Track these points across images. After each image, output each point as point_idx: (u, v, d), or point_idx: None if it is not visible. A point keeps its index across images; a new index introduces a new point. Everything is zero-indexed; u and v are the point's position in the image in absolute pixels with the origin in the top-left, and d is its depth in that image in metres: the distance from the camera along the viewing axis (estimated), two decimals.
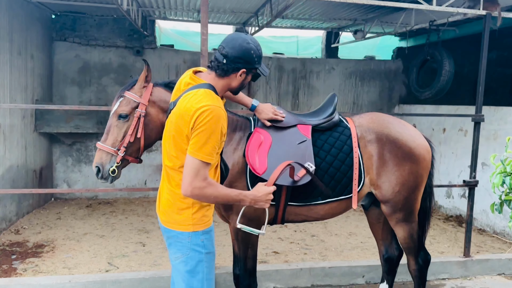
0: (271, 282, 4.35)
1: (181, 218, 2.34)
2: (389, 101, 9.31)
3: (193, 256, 2.35)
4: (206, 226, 2.38)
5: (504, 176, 2.29)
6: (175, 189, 2.34)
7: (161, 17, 8.17)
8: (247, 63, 2.34)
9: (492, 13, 4.80)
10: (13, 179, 6.08)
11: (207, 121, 2.14)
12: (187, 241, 2.35)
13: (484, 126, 5.94)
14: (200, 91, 2.25)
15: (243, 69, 2.33)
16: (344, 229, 6.48)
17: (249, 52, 2.32)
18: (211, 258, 2.43)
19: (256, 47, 2.37)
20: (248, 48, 2.32)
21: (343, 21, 7.89)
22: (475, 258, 4.91)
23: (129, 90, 2.86)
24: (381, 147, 3.25)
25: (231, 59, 2.30)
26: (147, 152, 7.94)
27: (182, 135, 2.23)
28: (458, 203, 7.20)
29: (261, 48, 2.44)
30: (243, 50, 2.31)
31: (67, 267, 4.71)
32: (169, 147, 2.34)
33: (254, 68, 2.39)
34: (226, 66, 2.31)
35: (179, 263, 2.38)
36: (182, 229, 2.34)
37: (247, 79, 2.43)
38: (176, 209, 2.35)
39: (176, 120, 2.24)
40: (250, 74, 2.41)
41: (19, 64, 6.24)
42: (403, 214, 3.35)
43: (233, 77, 2.36)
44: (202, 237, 2.36)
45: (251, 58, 2.34)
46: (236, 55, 2.29)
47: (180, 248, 2.37)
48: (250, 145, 3.02)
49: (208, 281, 2.40)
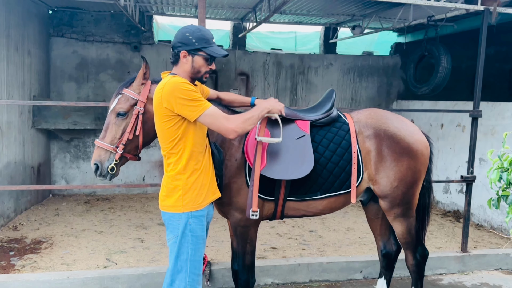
0: (269, 277, 4.36)
1: (172, 201, 2.57)
2: (387, 97, 9.32)
3: (180, 237, 2.56)
4: (196, 208, 2.59)
5: (501, 171, 2.28)
6: (168, 172, 2.59)
7: (159, 13, 8.14)
8: (185, 45, 2.55)
9: (490, 9, 4.79)
10: (11, 176, 6.07)
11: (170, 93, 2.42)
12: (177, 223, 2.57)
13: (481, 122, 5.95)
14: (163, 82, 2.53)
15: (182, 51, 2.55)
16: (342, 224, 6.50)
17: (184, 35, 2.56)
18: (198, 241, 2.61)
19: (192, 30, 2.57)
20: (183, 31, 2.57)
21: (341, 16, 7.87)
22: (473, 253, 4.93)
23: (127, 87, 2.87)
24: (379, 142, 3.26)
25: (174, 46, 2.59)
26: (145, 148, 7.91)
27: (157, 115, 2.51)
28: (455, 198, 7.22)
29: (203, 31, 2.61)
30: (179, 35, 2.57)
31: (66, 263, 4.71)
32: (159, 135, 2.60)
33: (196, 49, 2.55)
34: (172, 54, 2.60)
35: (171, 244, 2.60)
36: (173, 210, 2.57)
37: (198, 61, 2.58)
38: (168, 191, 2.59)
39: (155, 110, 2.53)
40: (198, 56, 2.57)
41: (16, 60, 6.21)
42: (401, 209, 3.36)
43: (182, 62, 2.58)
44: (190, 220, 2.57)
45: (187, 39, 2.54)
46: (176, 41, 2.58)
47: (172, 230, 2.60)
48: (249, 141, 3.02)
49: (192, 262, 2.59)
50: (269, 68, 8.72)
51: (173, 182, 2.57)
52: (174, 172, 2.57)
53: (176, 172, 2.56)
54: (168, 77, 2.53)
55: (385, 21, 7.70)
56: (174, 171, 2.57)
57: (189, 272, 2.58)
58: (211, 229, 6.01)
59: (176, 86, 2.43)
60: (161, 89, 2.47)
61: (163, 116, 2.49)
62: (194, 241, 2.58)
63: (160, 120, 2.52)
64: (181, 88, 2.42)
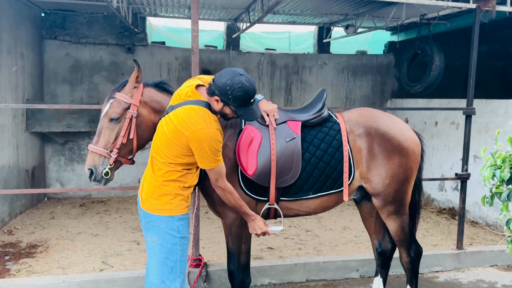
0: (266, 277, 4.36)
1: (159, 203, 2.61)
2: (382, 96, 9.34)
3: (168, 239, 2.62)
4: (182, 212, 2.66)
5: (494, 169, 2.30)
6: (158, 177, 2.62)
7: (152, 14, 8.12)
8: (221, 95, 2.54)
9: (482, 8, 4.81)
10: (5, 179, 6.03)
11: (200, 143, 2.49)
12: (164, 226, 2.61)
13: (475, 119, 5.98)
14: (195, 110, 2.54)
15: (217, 96, 2.55)
16: (338, 223, 6.51)
17: (225, 86, 2.50)
18: (185, 242, 2.70)
19: (235, 88, 2.50)
20: (227, 83, 2.51)
21: (335, 16, 7.88)
22: (468, 250, 4.96)
23: (119, 91, 2.85)
24: (370, 141, 3.27)
25: (215, 83, 2.56)
26: (140, 150, 7.89)
27: (178, 140, 2.54)
28: (450, 196, 7.25)
29: (245, 91, 2.52)
30: (223, 81, 2.51)
31: (61, 267, 4.69)
32: (162, 144, 2.59)
33: (229, 104, 2.56)
34: (211, 87, 2.58)
35: (155, 245, 2.64)
36: (160, 213, 2.61)
37: (226, 110, 2.61)
38: (156, 195, 2.62)
39: (173, 129, 2.54)
40: (227, 107, 2.59)
41: (9, 63, 6.17)
42: (394, 207, 3.37)
43: (213, 100, 2.58)
44: (177, 223, 2.63)
45: (225, 92, 2.51)
46: (217, 82, 2.54)
47: (157, 232, 2.62)
48: (240, 142, 3.02)
49: (181, 263, 2.68)
50: (264, 68, 8.73)
51: (162, 187, 2.61)
52: (165, 179, 2.62)
53: (167, 179, 2.62)
54: (206, 112, 2.57)
55: (378, 20, 7.72)
56: (165, 178, 2.62)
57: (179, 272, 2.67)
58: (207, 230, 6.00)
59: (210, 141, 2.51)
60: (198, 127, 2.49)
61: (178, 138, 2.54)
62: (181, 242, 2.67)
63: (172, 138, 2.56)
64: (212, 145, 2.52)
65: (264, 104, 3.16)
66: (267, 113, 3.16)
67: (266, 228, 2.89)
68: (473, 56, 4.74)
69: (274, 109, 3.13)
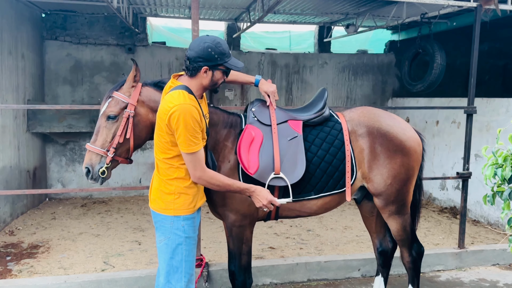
0: (267, 277, 4.36)
1: (165, 203, 2.64)
2: (383, 95, 9.33)
3: (174, 239, 2.63)
4: (187, 212, 2.66)
5: (495, 167, 2.29)
6: (162, 176, 2.65)
7: (152, 14, 8.12)
8: (207, 61, 2.55)
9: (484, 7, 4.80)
10: (7, 180, 6.04)
11: (177, 120, 2.44)
12: (170, 225, 2.63)
13: (476, 118, 5.97)
14: (173, 93, 2.53)
15: (204, 67, 2.56)
16: (340, 223, 6.51)
17: (206, 50, 2.54)
18: (191, 242, 2.69)
19: (214, 45, 2.55)
20: (204, 46, 2.54)
21: (335, 15, 7.87)
22: (470, 249, 4.95)
23: (117, 91, 2.85)
24: (372, 140, 3.26)
25: (192, 59, 2.57)
26: (141, 150, 7.91)
27: (162, 131, 2.54)
28: (452, 195, 7.24)
29: (223, 45, 2.60)
30: (200, 49, 2.54)
31: (63, 267, 4.69)
32: (156, 142, 2.66)
33: (218, 64, 2.59)
34: (190, 67, 2.58)
35: (162, 245, 2.66)
36: (166, 213, 2.64)
37: (217, 75, 2.65)
38: (162, 194, 2.65)
39: (157, 119, 2.57)
40: (218, 70, 2.62)
41: (9, 64, 6.18)
42: (395, 206, 3.36)
43: (200, 76, 2.61)
44: (183, 222, 2.64)
45: (209, 55, 2.54)
46: (195, 55, 2.55)
47: (164, 232, 2.66)
48: (241, 142, 3.00)
49: (186, 263, 2.68)
50: (264, 68, 8.72)
51: (167, 186, 2.63)
52: (168, 177, 2.63)
53: (170, 178, 2.63)
54: (181, 92, 2.52)
55: (378, 19, 7.71)
56: (168, 177, 2.63)
57: (184, 272, 2.66)
58: (208, 230, 6.00)
59: (186, 116, 2.45)
60: (171, 105, 2.46)
61: (161, 128, 2.54)
62: (187, 242, 2.67)
63: (158, 130, 2.58)
64: (187, 121, 2.45)
65: (264, 85, 3.20)
66: (268, 94, 3.18)
67: (271, 196, 2.72)
68: (474, 55, 4.73)
69: (274, 90, 3.20)
